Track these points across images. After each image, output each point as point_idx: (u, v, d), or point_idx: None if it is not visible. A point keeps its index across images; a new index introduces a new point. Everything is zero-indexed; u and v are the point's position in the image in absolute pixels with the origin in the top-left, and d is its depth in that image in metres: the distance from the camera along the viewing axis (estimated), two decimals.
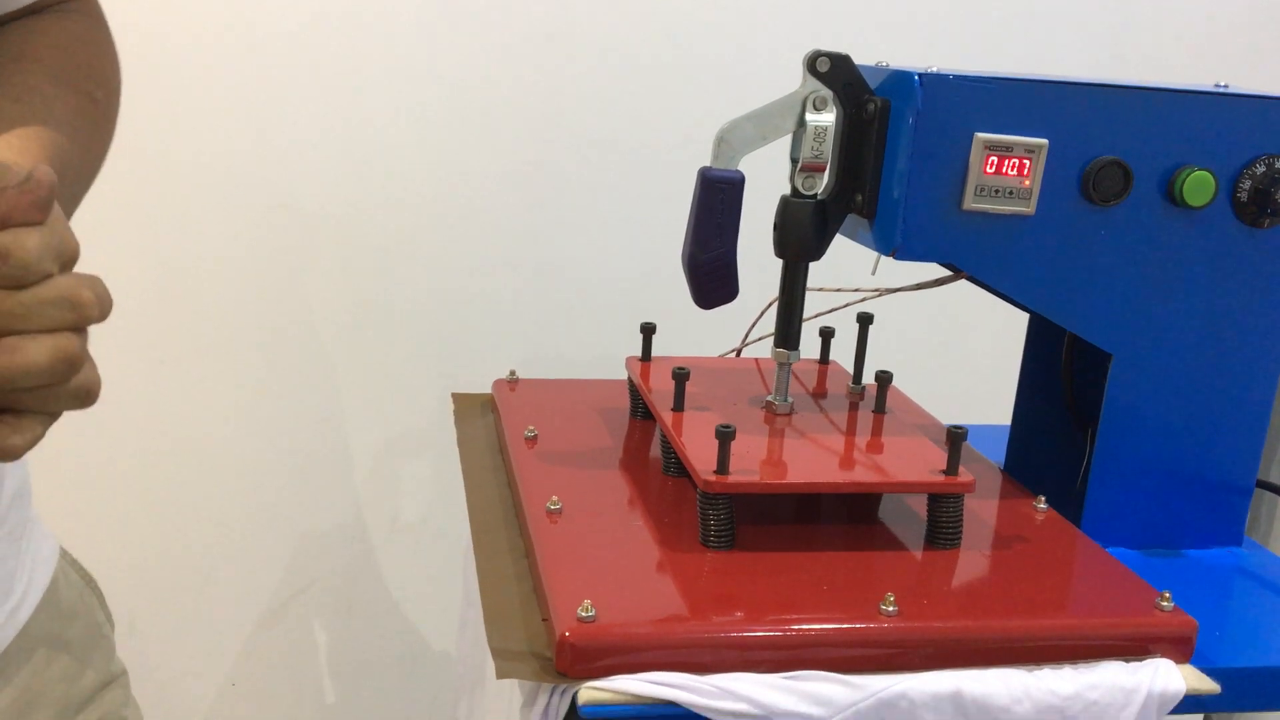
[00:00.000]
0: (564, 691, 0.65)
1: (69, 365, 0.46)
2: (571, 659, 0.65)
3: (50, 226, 0.46)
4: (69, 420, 0.62)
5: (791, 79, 0.81)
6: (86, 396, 0.49)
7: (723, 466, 0.75)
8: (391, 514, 1.53)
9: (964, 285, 0.91)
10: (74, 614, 0.73)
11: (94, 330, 0.49)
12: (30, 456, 0.69)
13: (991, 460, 0.98)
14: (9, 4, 0.66)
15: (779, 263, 0.87)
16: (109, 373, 0.50)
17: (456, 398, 1.10)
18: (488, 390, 1.09)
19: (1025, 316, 0.97)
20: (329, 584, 1.55)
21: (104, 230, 1.32)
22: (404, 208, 1.43)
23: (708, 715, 0.64)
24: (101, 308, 0.48)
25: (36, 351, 0.45)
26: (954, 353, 1.57)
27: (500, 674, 0.66)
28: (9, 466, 0.66)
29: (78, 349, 0.47)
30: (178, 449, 1.45)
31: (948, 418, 0.95)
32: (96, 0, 0.73)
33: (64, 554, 0.75)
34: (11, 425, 0.47)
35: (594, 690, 0.64)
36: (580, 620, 0.65)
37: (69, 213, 0.61)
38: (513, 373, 1.09)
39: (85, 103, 0.65)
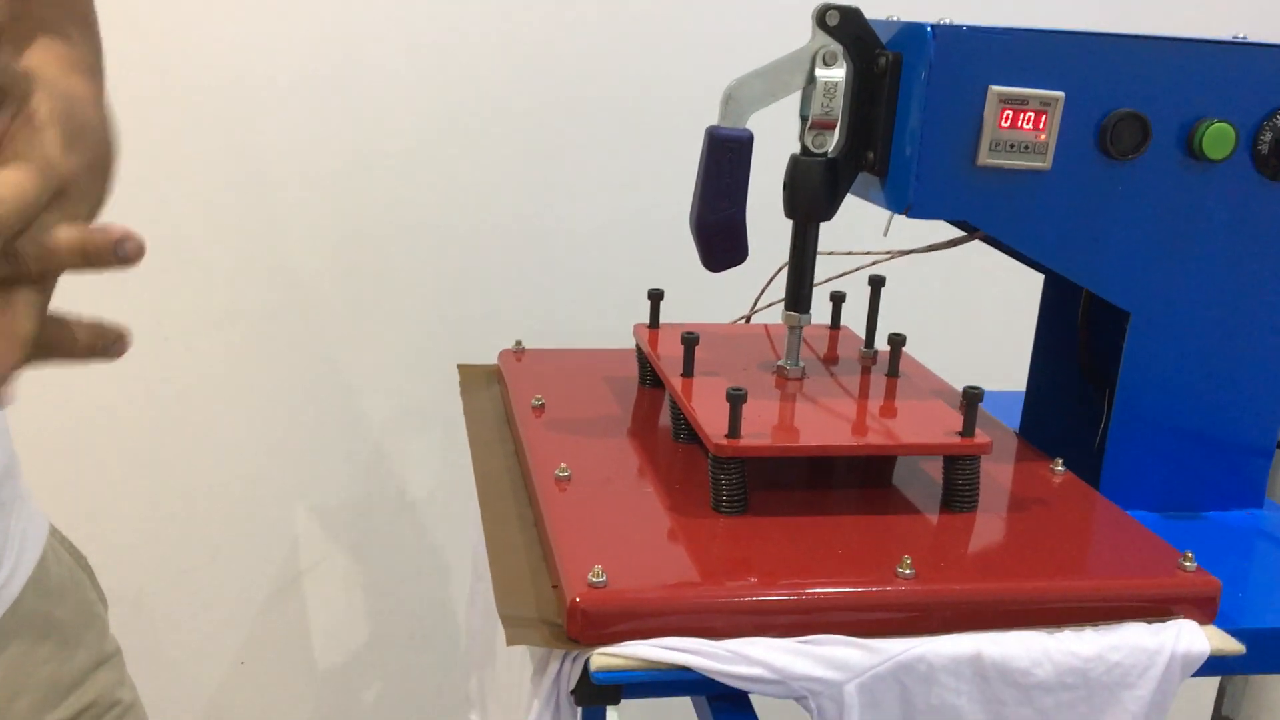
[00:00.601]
0: (576, 658, 0.64)
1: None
2: (583, 625, 0.63)
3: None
4: (79, 396, 0.60)
5: (800, 34, 0.79)
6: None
7: (734, 430, 0.74)
8: (399, 489, 1.52)
9: (977, 246, 0.89)
10: (63, 593, 0.72)
11: (97, 307, 0.47)
12: (19, 433, 0.68)
13: (1007, 424, 0.96)
14: None
15: (788, 226, 0.85)
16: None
17: (462, 369, 1.09)
18: (493, 361, 1.08)
19: (1040, 277, 0.95)
20: (337, 561, 1.54)
21: (107, 207, 1.31)
22: (407, 179, 1.41)
23: (722, 680, 0.63)
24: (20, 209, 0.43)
25: None
26: (968, 316, 1.55)
27: (511, 641, 0.64)
28: None
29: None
30: (183, 426, 1.44)
31: (961, 382, 0.93)
32: None
33: (54, 532, 0.74)
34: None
35: (606, 656, 0.63)
36: (591, 586, 0.64)
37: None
38: (519, 343, 1.07)
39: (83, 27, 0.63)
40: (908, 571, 0.67)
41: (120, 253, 0.45)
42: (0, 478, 0.65)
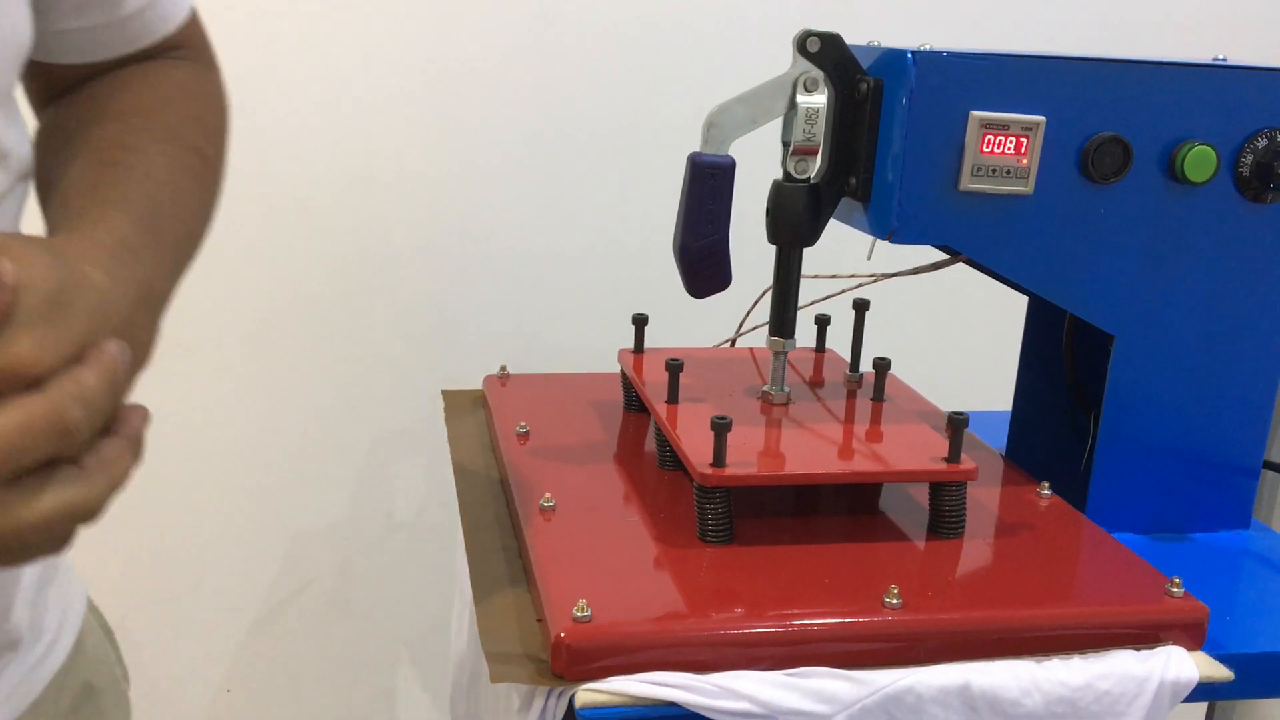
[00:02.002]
0: (561, 694, 0.63)
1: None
2: (567, 660, 0.63)
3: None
4: None
5: (782, 60, 0.79)
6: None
7: (719, 459, 0.73)
8: (385, 512, 1.52)
9: (961, 268, 0.89)
10: (99, 662, 0.71)
11: None
12: None
13: (992, 446, 0.96)
14: (113, 48, 0.61)
15: (772, 250, 0.85)
16: None
17: (447, 395, 1.08)
18: (478, 386, 1.07)
19: (1024, 299, 0.95)
20: (323, 585, 1.53)
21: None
22: (389, 203, 1.40)
23: (709, 715, 0.62)
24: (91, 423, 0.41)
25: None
26: (952, 338, 1.55)
27: (495, 678, 0.64)
28: None
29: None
30: (167, 449, 1.43)
31: (947, 404, 0.93)
32: (209, 46, 0.68)
33: (88, 602, 0.73)
34: None
35: (591, 692, 0.62)
36: (576, 620, 0.64)
37: (176, 276, 0.56)
38: (503, 368, 1.07)
39: (192, 159, 0.60)
40: (895, 601, 0.67)
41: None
42: None
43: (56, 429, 0.39)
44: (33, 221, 0.57)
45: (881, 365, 0.89)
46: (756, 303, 1.00)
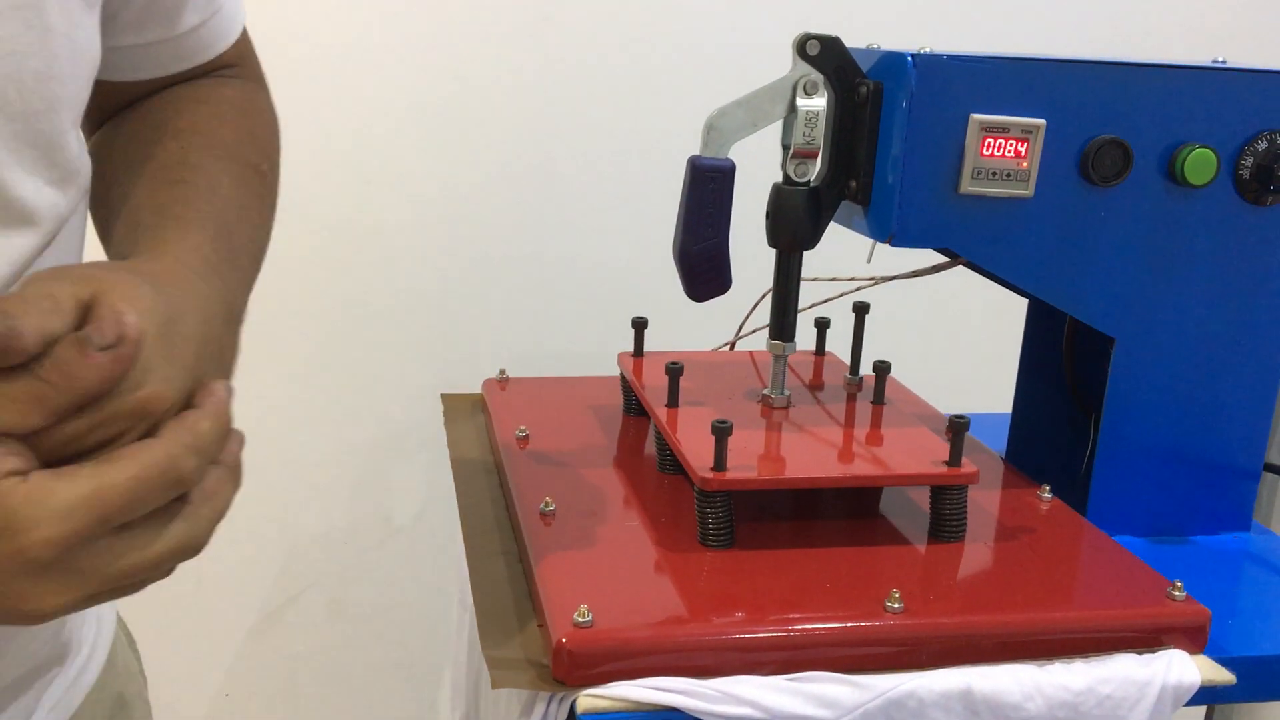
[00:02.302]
0: (562, 700, 0.63)
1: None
2: (569, 666, 0.63)
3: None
4: None
5: (781, 63, 0.79)
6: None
7: (720, 463, 0.73)
8: (384, 517, 1.51)
9: (961, 271, 0.89)
10: (129, 673, 0.71)
11: None
12: None
13: (992, 449, 0.96)
14: (168, 66, 0.61)
15: (770, 252, 0.85)
16: None
17: (446, 398, 1.08)
18: (477, 390, 1.07)
19: (1024, 301, 0.95)
20: (322, 589, 1.52)
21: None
22: (387, 206, 1.40)
23: None
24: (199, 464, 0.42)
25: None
26: (952, 340, 1.55)
27: (496, 684, 0.64)
28: None
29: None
30: None
31: (947, 406, 0.93)
32: (258, 64, 0.68)
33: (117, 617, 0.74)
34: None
35: (593, 698, 0.62)
36: (577, 626, 0.63)
37: (244, 296, 0.57)
38: (503, 372, 1.07)
39: (251, 176, 0.61)
40: (896, 605, 0.67)
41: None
42: None
43: (172, 479, 0.40)
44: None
45: (882, 368, 0.89)
46: (756, 306, 1.00)
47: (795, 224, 0.81)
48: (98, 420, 0.40)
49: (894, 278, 0.94)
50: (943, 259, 0.88)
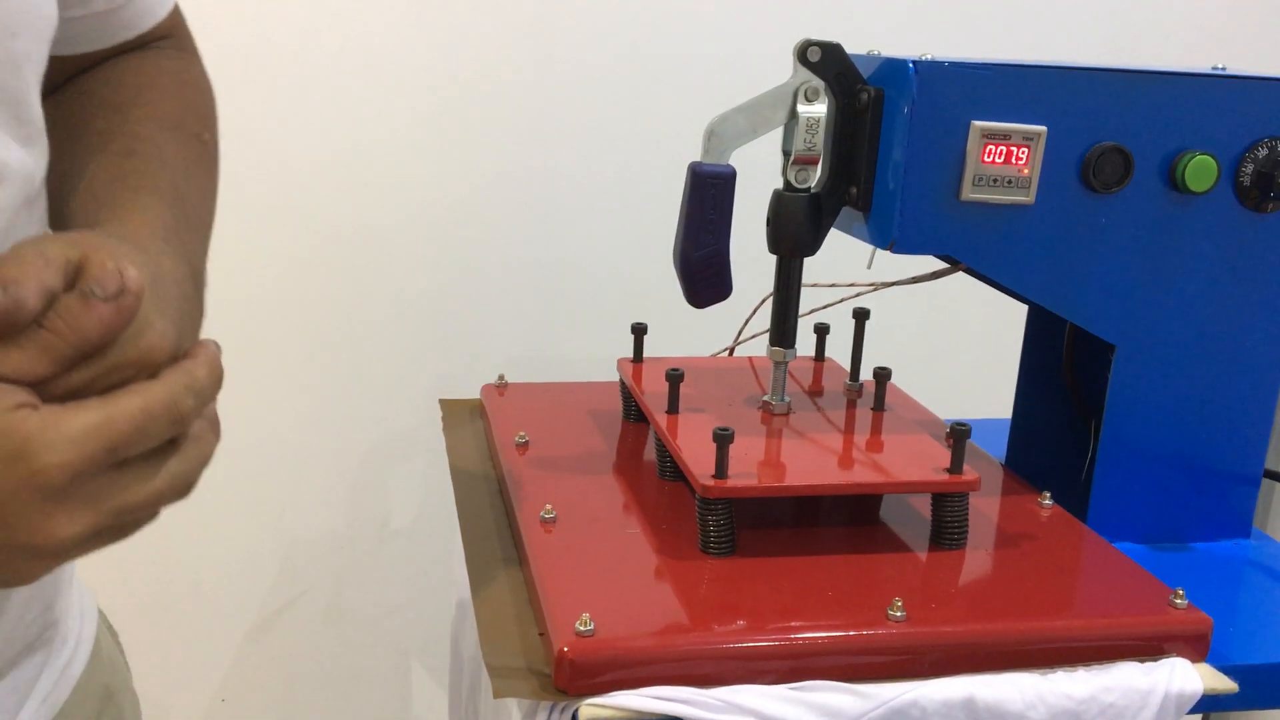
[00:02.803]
0: (564, 709, 0.63)
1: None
2: (570, 675, 0.62)
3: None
4: None
5: (782, 70, 0.79)
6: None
7: (721, 471, 0.73)
8: (381, 521, 1.51)
9: (960, 277, 0.89)
10: (114, 665, 0.71)
11: None
12: None
13: (992, 455, 0.96)
14: (109, 37, 0.62)
15: (768, 258, 0.84)
16: None
17: (444, 404, 1.08)
18: (475, 395, 1.07)
19: (1024, 307, 0.95)
20: (319, 593, 1.52)
21: None
22: (386, 210, 1.40)
23: None
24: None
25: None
26: (951, 346, 1.55)
27: (498, 693, 0.63)
28: None
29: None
30: None
31: (946, 412, 0.93)
32: (190, 35, 0.69)
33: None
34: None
35: (595, 707, 0.62)
36: (578, 635, 0.63)
37: (203, 261, 0.59)
38: (501, 377, 1.07)
39: (195, 145, 0.62)
40: (899, 614, 0.66)
41: None
42: None
43: (174, 415, 0.43)
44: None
45: (882, 375, 0.89)
46: (755, 311, 1.00)
47: (796, 230, 0.81)
48: (101, 369, 0.42)
49: (894, 283, 0.93)
50: (943, 265, 0.88)
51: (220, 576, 1.49)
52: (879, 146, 0.78)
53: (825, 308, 0.98)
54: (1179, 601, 0.69)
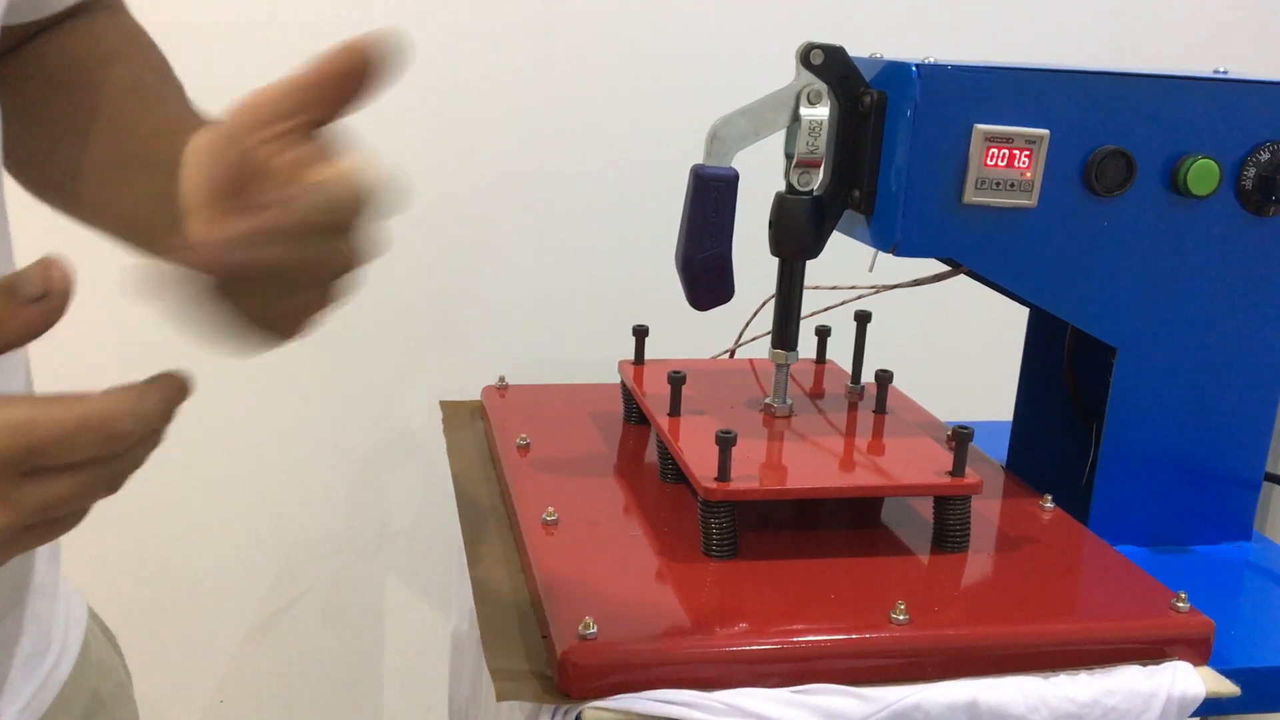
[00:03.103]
0: (567, 712, 0.63)
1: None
2: (574, 679, 0.62)
3: None
4: None
5: (784, 71, 0.79)
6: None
7: (724, 473, 0.73)
8: (380, 523, 1.51)
9: (962, 280, 0.89)
10: (104, 669, 0.71)
11: (77, 346, 0.46)
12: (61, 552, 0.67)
13: (993, 458, 0.96)
14: (49, 4, 0.62)
15: (773, 260, 0.85)
16: (91, 384, 0.47)
17: (445, 405, 1.08)
18: (476, 396, 1.07)
19: (1025, 310, 0.95)
20: (317, 596, 1.52)
21: (84, 242, 1.29)
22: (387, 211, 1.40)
23: None
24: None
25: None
26: (953, 349, 1.55)
27: (501, 696, 0.63)
28: None
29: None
30: (160, 458, 1.42)
31: (948, 415, 0.93)
32: None
33: (89, 610, 0.73)
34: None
35: (598, 710, 0.62)
36: (581, 638, 0.63)
37: None
38: (502, 379, 1.07)
39: (182, 92, 0.63)
40: (902, 618, 0.67)
41: None
42: (49, 559, 0.64)
43: (105, 434, 0.41)
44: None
45: (884, 377, 0.89)
46: (756, 313, 1.00)
47: (798, 233, 0.81)
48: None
49: (896, 286, 0.94)
50: (945, 268, 0.88)
51: (220, 577, 1.48)
52: (881, 149, 0.78)
53: (827, 310, 0.98)
54: (1181, 605, 0.70)
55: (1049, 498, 0.85)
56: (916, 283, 0.92)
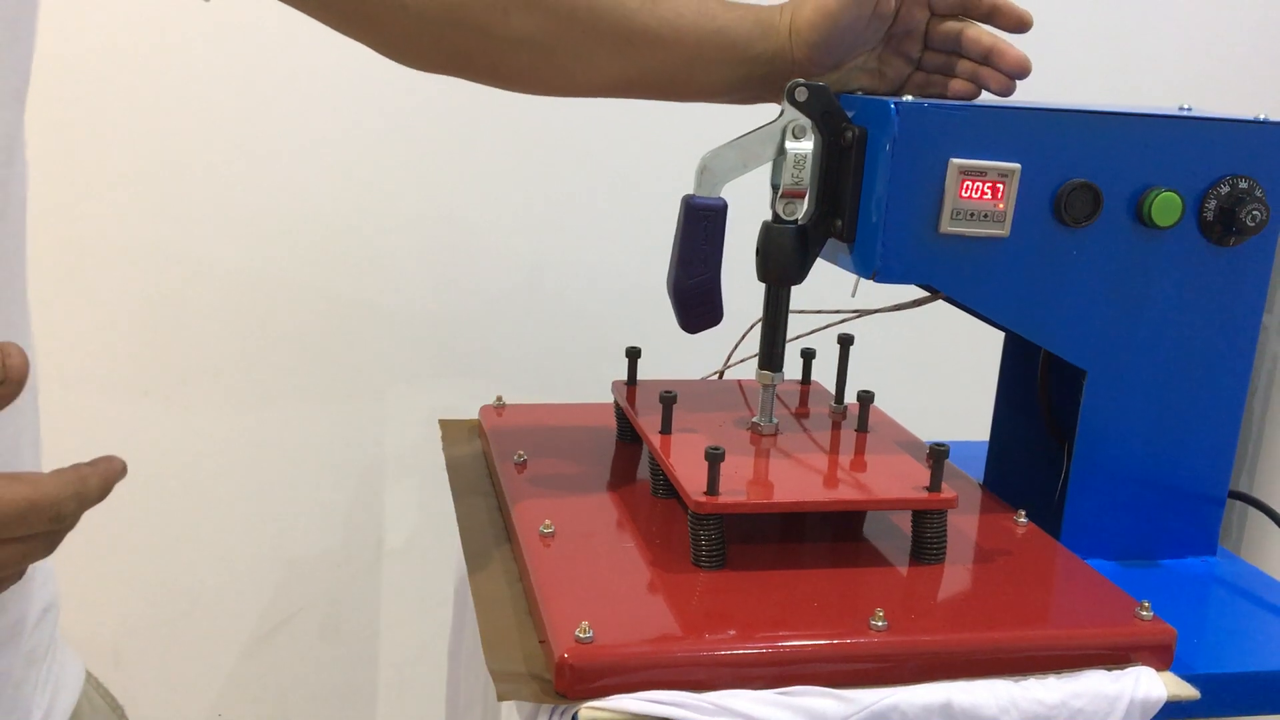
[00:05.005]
0: (563, 712, 0.66)
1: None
2: (571, 680, 0.66)
3: None
4: (53, 449, 0.63)
5: (771, 108, 0.83)
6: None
7: (713, 488, 0.77)
8: (378, 540, 1.54)
9: (940, 305, 0.93)
10: None
11: (78, 365, 0.50)
12: (60, 570, 0.69)
13: (971, 476, 1.00)
14: None
15: (760, 285, 0.89)
16: (92, 401, 0.51)
17: (444, 424, 1.11)
18: (474, 415, 1.10)
19: (1001, 335, 0.99)
20: (315, 611, 1.55)
21: (84, 259, 1.32)
22: (385, 232, 1.44)
23: None
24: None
25: None
26: (932, 371, 1.60)
27: (502, 696, 0.67)
28: (40, 581, 0.65)
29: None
30: (159, 476, 1.45)
31: (928, 434, 0.97)
32: None
33: (89, 678, 0.72)
34: None
35: (593, 710, 0.66)
36: (578, 641, 0.67)
37: None
38: (499, 398, 1.10)
39: None
40: (880, 624, 0.70)
41: None
42: (40, 618, 0.64)
43: (52, 514, 0.47)
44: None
45: (865, 398, 0.93)
46: (744, 336, 1.04)
47: (784, 260, 0.85)
48: None
49: (876, 311, 0.98)
50: (923, 294, 0.92)
51: (216, 594, 1.51)
52: (862, 181, 0.82)
53: (811, 333, 1.02)
54: (1144, 613, 0.73)
55: (1023, 513, 0.89)
56: (896, 308, 0.96)
